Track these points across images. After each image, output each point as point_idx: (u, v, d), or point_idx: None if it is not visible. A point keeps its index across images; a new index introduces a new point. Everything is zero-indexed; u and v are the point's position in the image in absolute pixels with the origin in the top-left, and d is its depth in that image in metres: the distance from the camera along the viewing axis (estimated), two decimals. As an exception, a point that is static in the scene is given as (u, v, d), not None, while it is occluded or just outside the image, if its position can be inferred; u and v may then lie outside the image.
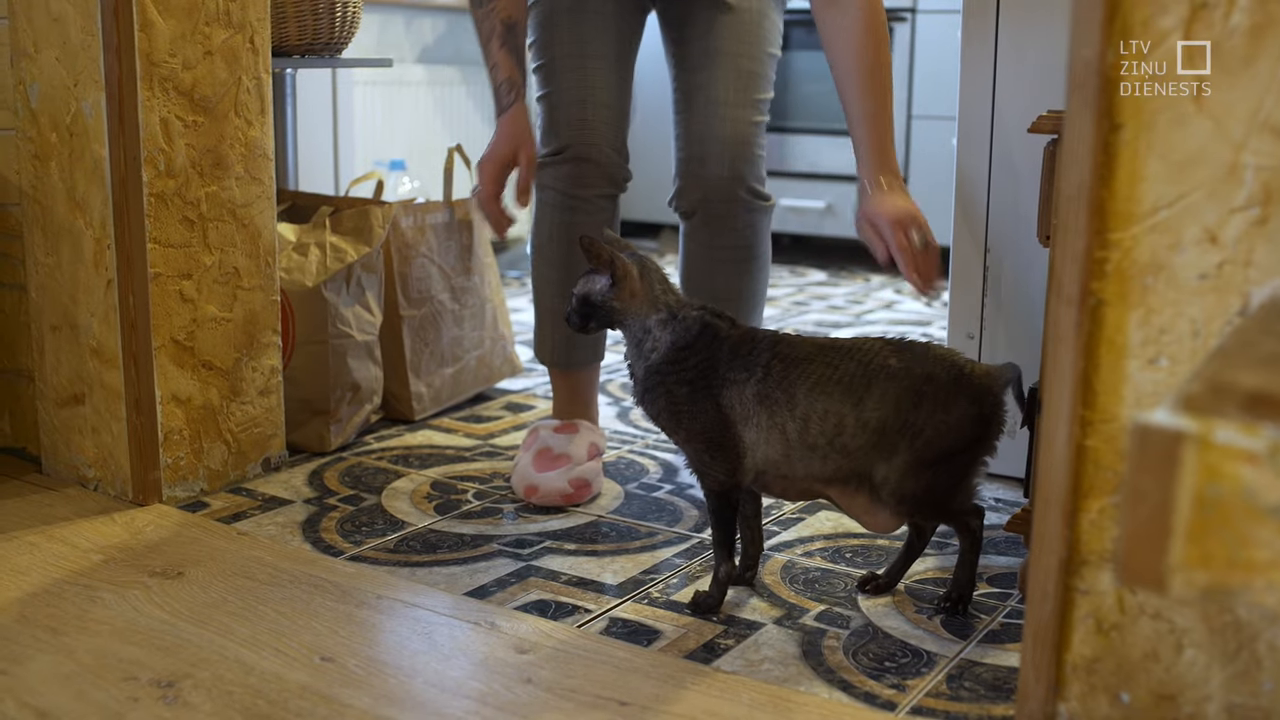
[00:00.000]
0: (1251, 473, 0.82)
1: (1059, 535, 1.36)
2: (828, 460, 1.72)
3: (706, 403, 1.73)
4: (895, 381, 1.70)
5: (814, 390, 1.70)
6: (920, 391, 1.70)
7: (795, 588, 1.89)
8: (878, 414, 1.69)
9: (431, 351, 2.75)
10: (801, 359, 1.72)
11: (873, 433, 1.70)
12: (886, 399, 1.69)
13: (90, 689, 1.52)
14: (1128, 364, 1.32)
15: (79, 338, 2.20)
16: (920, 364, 1.72)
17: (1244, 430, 0.83)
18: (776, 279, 4.75)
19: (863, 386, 1.70)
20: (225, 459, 2.28)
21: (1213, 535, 0.84)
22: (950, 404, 1.71)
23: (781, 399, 1.71)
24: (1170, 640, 1.33)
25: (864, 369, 1.70)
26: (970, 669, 1.64)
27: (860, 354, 1.72)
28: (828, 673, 1.63)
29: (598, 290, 1.78)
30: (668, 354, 1.75)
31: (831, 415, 1.70)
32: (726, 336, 1.76)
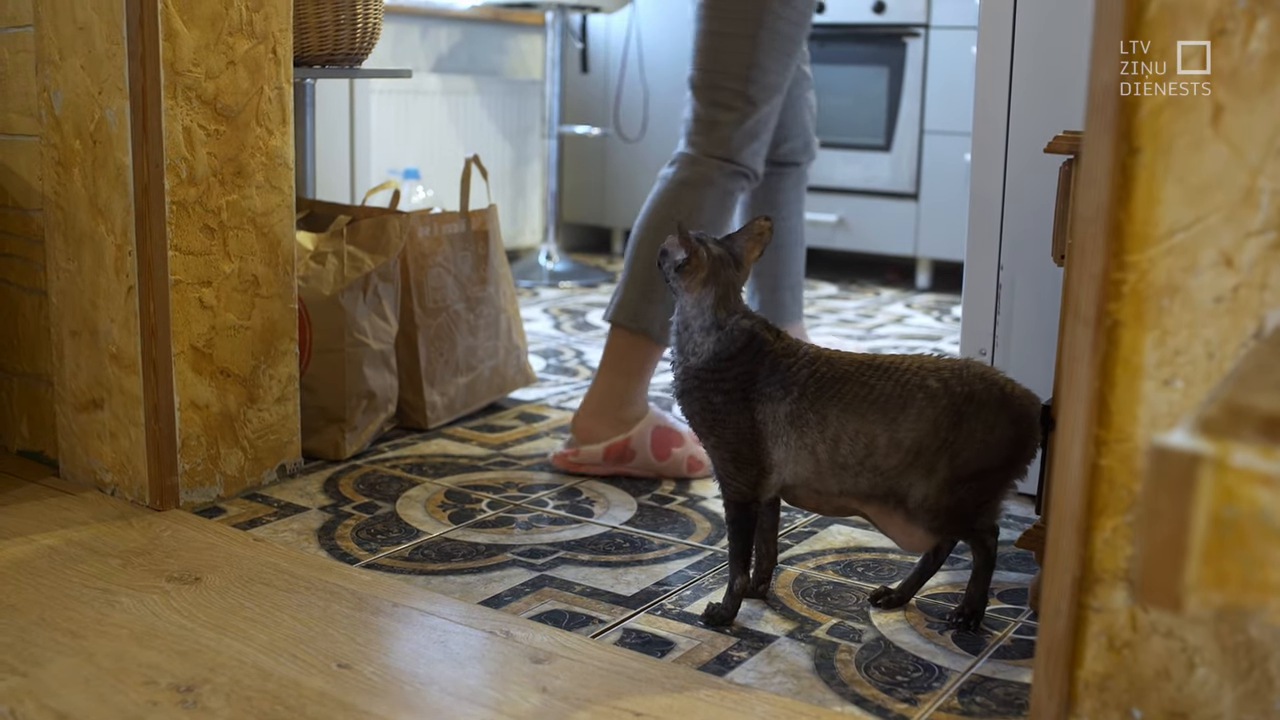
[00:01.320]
0: (1268, 495, 0.83)
1: (1073, 553, 1.37)
2: (860, 478, 1.73)
3: (741, 416, 1.73)
4: (934, 401, 1.70)
5: (847, 410, 1.71)
6: (960, 411, 1.70)
7: (808, 601, 1.90)
8: (913, 434, 1.70)
9: (446, 361, 2.77)
10: (838, 378, 1.73)
11: (907, 452, 1.70)
12: (924, 419, 1.70)
13: (110, 692, 1.54)
14: (1143, 384, 1.33)
15: (99, 343, 2.22)
16: (961, 383, 1.72)
17: (1261, 453, 0.85)
18: (788, 292, 4.77)
19: (898, 407, 1.70)
20: (242, 465, 2.30)
21: (1228, 556, 0.85)
22: (991, 424, 1.72)
23: (813, 420, 1.71)
24: (1182, 658, 1.34)
25: (901, 388, 1.71)
26: (982, 684, 1.66)
27: (898, 373, 1.72)
28: (840, 686, 1.64)
29: (669, 262, 1.80)
30: (709, 362, 1.76)
31: (863, 435, 1.70)
32: (770, 350, 1.76)
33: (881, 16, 4.80)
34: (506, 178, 5.15)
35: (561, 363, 3.48)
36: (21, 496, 2.24)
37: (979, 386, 1.73)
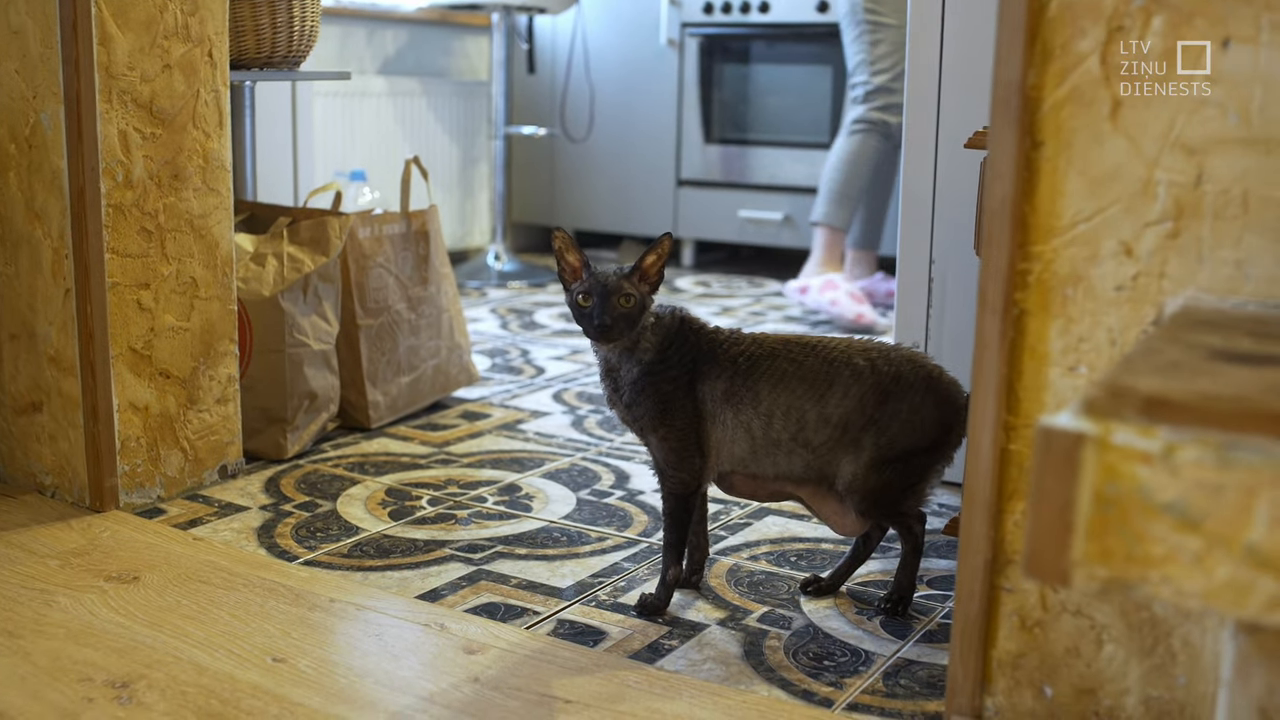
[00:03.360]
0: (1147, 472, 0.88)
1: (984, 536, 1.42)
2: (794, 457, 1.77)
3: (688, 399, 1.78)
4: (860, 379, 1.75)
5: (778, 386, 1.76)
6: (886, 390, 1.76)
7: (740, 590, 1.94)
8: (840, 410, 1.75)
9: (388, 360, 2.79)
10: (768, 355, 1.78)
11: (834, 428, 1.75)
12: (850, 395, 1.75)
13: (46, 690, 1.55)
14: (1049, 371, 1.38)
15: (37, 346, 2.23)
16: (887, 364, 1.77)
17: (1140, 432, 0.89)
18: (735, 289, 4.81)
19: (825, 382, 1.75)
20: (182, 466, 2.31)
21: (1112, 532, 0.89)
22: (916, 405, 1.77)
23: (747, 397, 1.76)
24: (1091, 636, 1.39)
25: (828, 365, 1.76)
26: (907, 668, 1.70)
27: (825, 351, 1.78)
28: (768, 671, 1.68)
29: (643, 297, 1.80)
30: (656, 353, 1.79)
31: (794, 410, 1.75)
32: (700, 331, 1.83)
33: (825, 16, 4.84)
34: (454, 179, 5.17)
35: (507, 362, 3.51)
36: (-39, 500, 2.25)
37: (906, 368, 1.78)
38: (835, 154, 4.28)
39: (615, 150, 5.39)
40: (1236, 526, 0.84)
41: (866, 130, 4.23)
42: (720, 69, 5.21)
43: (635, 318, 1.77)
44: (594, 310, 1.75)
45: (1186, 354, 1.06)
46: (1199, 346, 1.09)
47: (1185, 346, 1.09)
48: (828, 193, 4.26)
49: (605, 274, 1.78)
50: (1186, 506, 0.86)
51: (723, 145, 5.20)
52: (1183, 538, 0.86)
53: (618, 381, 1.82)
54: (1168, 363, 1.03)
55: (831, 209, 4.25)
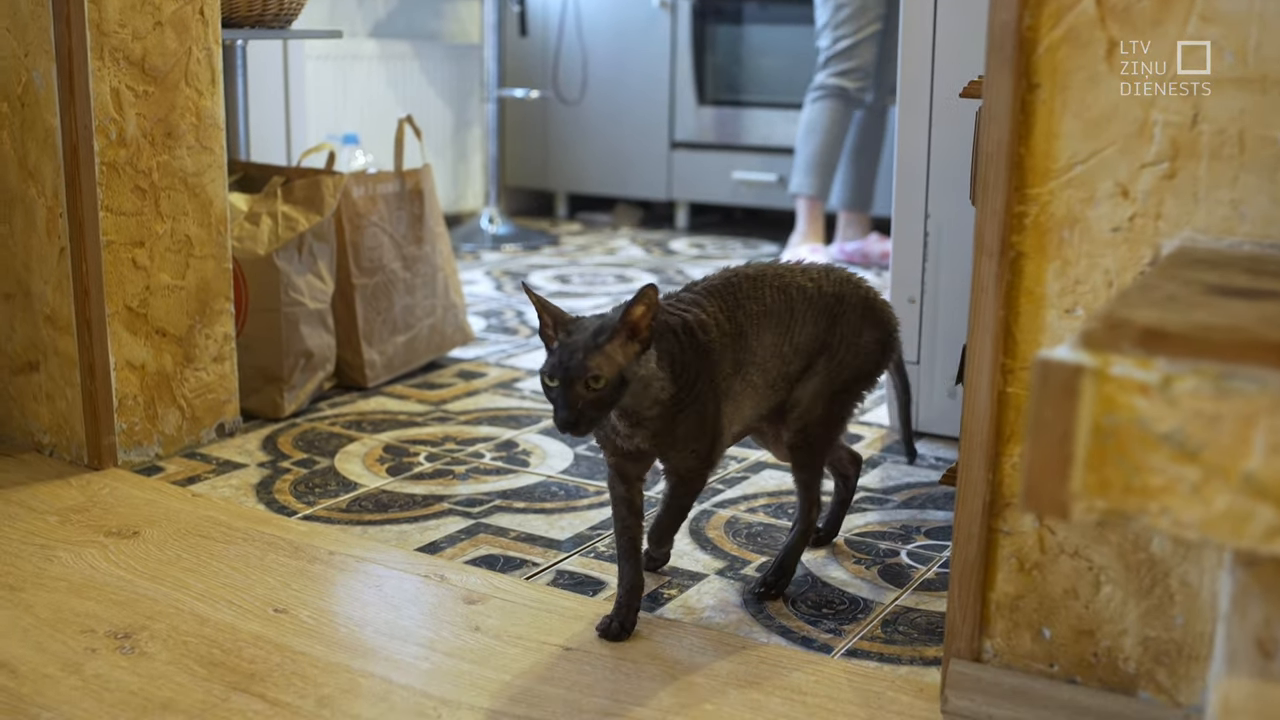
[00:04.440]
0: (1145, 403, 0.88)
1: (982, 479, 1.42)
2: (776, 393, 1.71)
3: (714, 399, 1.61)
4: (811, 303, 1.70)
5: (760, 331, 1.66)
6: (833, 312, 1.71)
7: (738, 541, 1.95)
8: (803, 335, 1.70)
9: (384, 320, 2.79)
10: (737, 305, 1.65)
11: (801, 355, 1.70)
12: (808, 320, 1.70)
13: (48, 641, 1.56)
14: (1046, 313, 1.38)
15: (33, 305, 2.23)
16: (830, 284, 1.73)
17: (1138, 363, 0.89)
18: (729, 250, 4.81)
19: (788, 311, 1.68)
20: (180, 424, 2.31)
21: (1110, 463, 0.90)
22: (858, 327, 1.73)
23: (746, 357, 1.66)
24: (1089, 577, 1.39)
25: (784, 295, 1.68)
26: (905, 615, 1.71)
27: (774, 279, 1.69)
28: (767, 619, 1.68)
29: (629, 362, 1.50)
30: (676, 385, 1.56)
31: (776, 349, 1.68)
32: (698, 329, 1.61)
33: (816, -25, 4.82)
34: (447, 142, 5.15)
35: (502, 323, 3.51)
36: (-41, 461, 2.25)
37: (846, 289, 1.74)
38: (801, 123, 4.33)
39: (608, 112, 5.37)
40: (1234, 456, 0.84)
41: (824, 96, 4.26)
42: (713, 30, 5.19)
43: (611, 399, 1.48)
44: (556, 397, 1.47)
45: (1183, 289, 1.07)
46: (1195, 283, 1.10)
47: (1182, 283, 1.09)
48: (799, 163, 4.30)
49: (573, 346, 1.47)
50: (1184, 437, 0.86)
51: (716, 107, 5.18)
52: (1181, 468, 0.86)
53: (636, 420, 1.57)
54: (1164, 297, 1.03)
55: (804, 178, 4.28)
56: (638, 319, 1.49)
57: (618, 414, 1.55)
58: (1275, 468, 0.84)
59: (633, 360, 1.49)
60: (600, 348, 1.47)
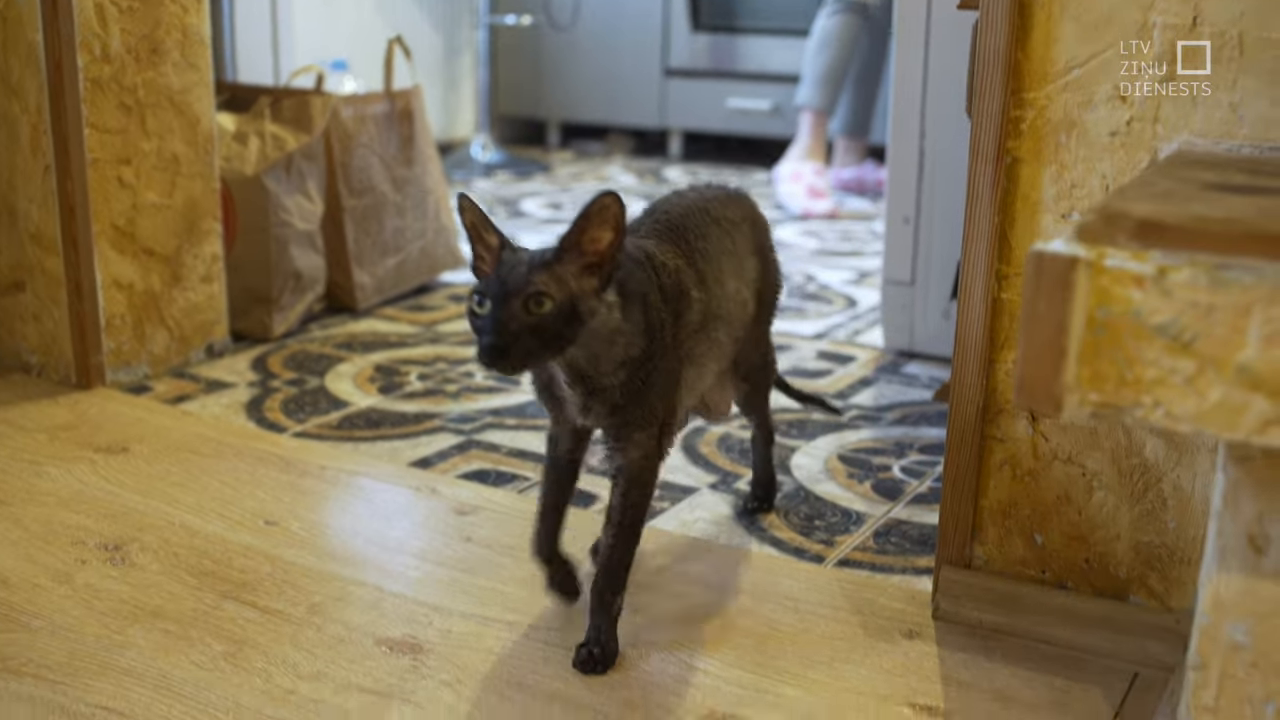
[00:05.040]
0: (1140, 295, 0.87)
1: (976, 385, 1.41)
2: (731, 351, 1.51)
3: (678, 363, 1.36)
4: (742, 234, 1.51)
5: (721, 274, 1.43)
6: (753, 240, 1.54)
7: (730, 456, 1.94)
8: (750, 273, 1.51)
9: (374, 242, 2.77)
10: (692, 248, 1.40)
11: (753, 294, 1.52)
12: (746, 254, 1.51)
13: (38, 553, 1.56)
14: (1042, 219, 1.37)
15: (18, 224, 2.21)
16: (739, 209, 1.53)
17: (1133, 255, 0.88)
18: (724, 179, 4.78)
19: (734, 248, 1.48)
20: (168, 344, 2.30)
21: (1104, 356, 0.89)
22: (769, 247, 1.59)
23: (713, 307, 1.41)
24: (1082, 483, 1.39)
25: (722, 228, 1.46)
26: (897, 527, 1.70)
27: (707, 213, 1.45)
28: (759, 531, 1.68)
29: (584, 293, 1.20)
30: (647, 339, 1.28)
31: (738, 296, 1.47)
32: (647, 255, 1.33)
33: (811, -103, 4.76)
34: (437, 70, 5.10)
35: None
36: (-53, 381, 2.24)
37: (749, 208, 1.56)
38: (814, 36, 4.24)
39: (601, 39, 5.32)
40: (1229, 347, 0.83)
41: (842, 10, 4.19)
42: (707, -46, 5.14)
43: (555, 332, 1.16)
44: (485, 322, 1.16)
45: (1180, 186, 1.05)
46: (1193, 180, 1.09)
47: (1179, 180, 1.08)
48: (809, 76, 4.22)
49: (515, 261, 1.19)
50: (1179, 328, 0.85)
51: (711, 34, 5.13)
52: (1175, 360, 0.85)
53: (592, 388, 1.28)
54: (1161, 192, 1.02)
55: (813, 91, 4.21)
56: (599, 245, 1.19)
57: (569, 376, 1.26)
58: (1270, 359, 0.83)
59: (590, 295, 1.19)
60: (549, 265, 1.17)
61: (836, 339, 2.61)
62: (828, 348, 2.54)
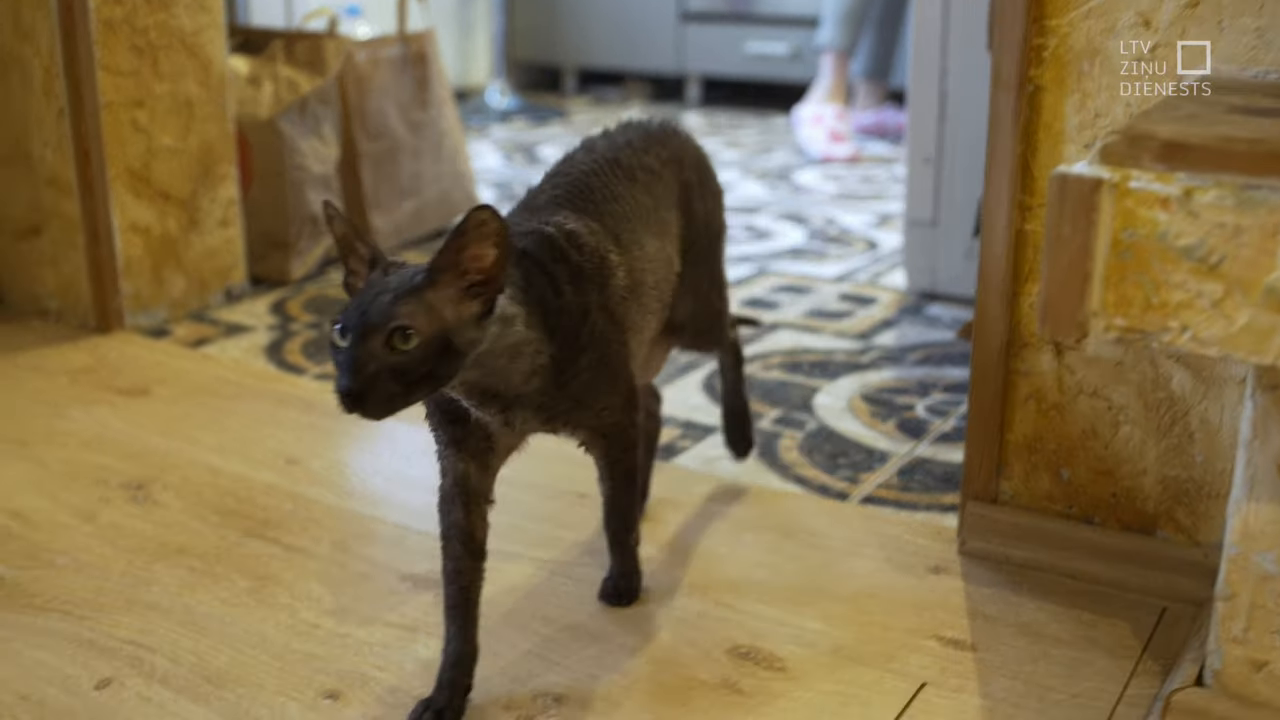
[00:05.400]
0: (1165, 217, 0.85)
1: (1001, 319, 1.40)
2: (665, 312, 1.35)
3: (617, 333, 1.20)
4: (665, 184, 1.34)
5: (637, 235, 1.26)
6: (684, 183, 1.37)
7: (753, 395, 1.93)
8: (675, 227, 1.35)
9: (391, 186, 2.76)
10: (603, 211, 1.23)
11: (681, 251, 1.36)
12: (669, 206, 1.34)
13: (62, 492, 1.56)
14: (1065, 148, 1.35)
15: (33, 168, 2.20)
16: (664, 150, 1.35)
17: (1158, 177, 0.87)
18: (741, 123, 4.74)
19: (652, 204, 1.31)
20: (186, 289, 2.30)
21: (1130, 279, 0.87)
22: (704, 186, 1.41)
23: (637, 272, 1.25)
24: (1108, 418, 1.38)
25: (637, 183, 1.29)
26: (922, 465, 1.70)
27: (614, 168, 1.28)
28: (782, 469, 1.68)
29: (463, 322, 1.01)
30: (565, 338, 1.12)
31: (661, 255, 1.31)
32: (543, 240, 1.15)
33: None
34: (452, 15, 5.06)
35: (512, 194, 3.47)
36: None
37: (677, 146, 1.38)
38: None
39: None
40: (1257, 269, 0.82)
41: None
42: (723, -105, 5.08)
43: (422, 372, 0.98)
44: (343, 358, 0.98)
45: (1205, 109, 1.04)
46: (1218, 104, 1.07)
47: (1204, 104, 1.06)
48: (830, 15, 4.16)
49: (381, 287, 1.00)
50: (1206, 250, 0.84)
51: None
52: (1202, 283, 0.84)
53: (508, 402, 1.11)
54: (1186, 115, 1.00)
55: (835, 31, 4.15)
56: (483, 264, 1.00)
57: (478, 399, 1.09)
58: (1300, 280, 0.82)
59: (468, 322, 1.00)
60: (419, 292, 0.98)
61: (858, 281, 2.60)
62: (849, 290, 2.53)
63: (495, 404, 1.10)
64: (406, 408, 0.99)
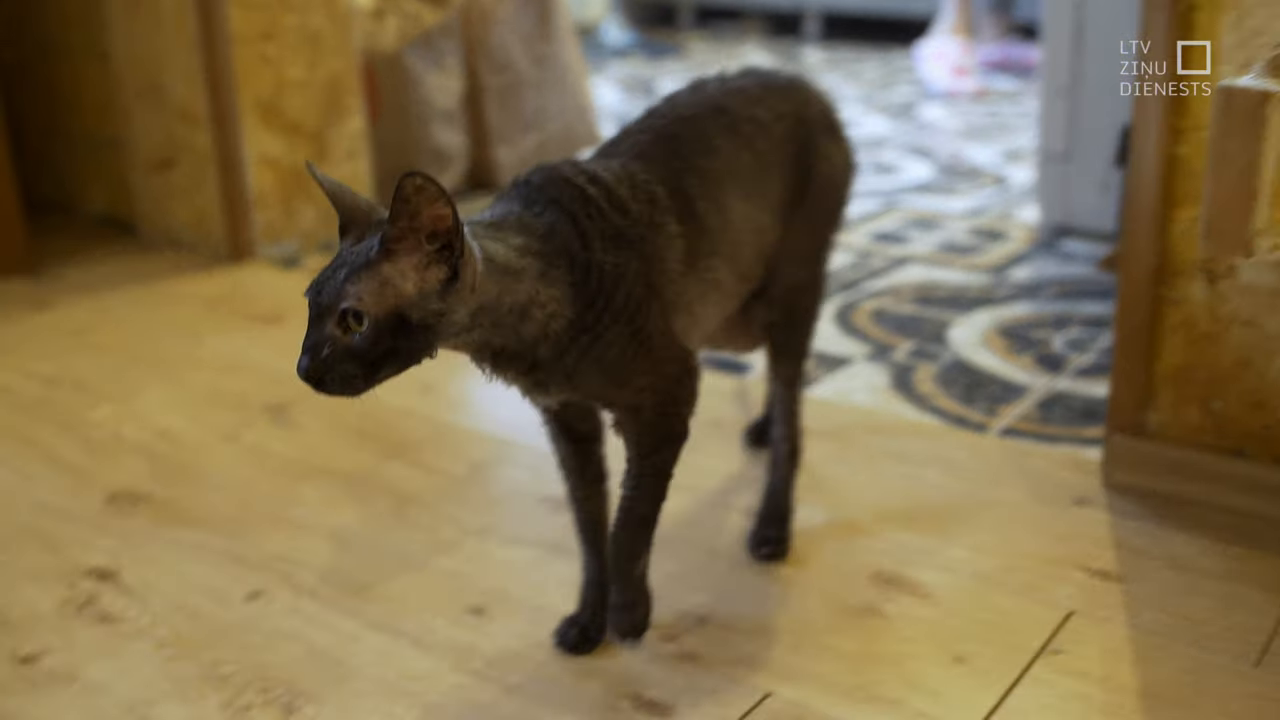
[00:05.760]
0: (1345, 130, 0.82)
1: (1149, 245, 1.35)
2: (748, 283, 1.23)
3: (653, 303, 1.06)
4: (775, 141, 1.22)
5: (722, 198, 1.15)
6: (801, 142, 1.25)
7: (886, 327, 1.91)
8: (777, 189, 1.23)
9: (514, 119, 2.76)
10: (681, 166, 1.12)
11: (781, 217, 1.24)
12: (775, 166, 1.23)
13: (204, 414, 1.59)
14: (1220, 69, 1.29)
15: (165, 102, 2.23)
16: (783, 103, 1.25)
17: (1336, 87, 0.83)
18: (862, 59, 4.66)
19: (754, 162, 1.20)
20: (316, 220, 2.31)
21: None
22: (829, 148, 1.29)
23: (706, 237, 1.13)
24: (1263, 347, 1.33)
25: (740, 137, 1.19)
26: (1061, 399, 1.66)
27: (717, 118, 1.18)
28: (918, 400, 1.65)
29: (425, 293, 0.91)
30: (575, 305, 1.00)
31: (750, 221, 1.20)
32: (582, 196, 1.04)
33: None
34: (568, -47, 5.05)
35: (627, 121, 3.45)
36: (102, 257, 2.29)
37: (801, 102, 1.27)
38: None
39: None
40: None
41: None
42: None
43: (381, 352, 0.91)
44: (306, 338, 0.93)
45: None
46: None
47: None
48: None
49: (342, 260, 0.93)
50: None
51: (847, -91, 4.99)
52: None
53: (526, 365, 1.02)
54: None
55: None
56: (443, 224, 0.90)
57: (491, 360, 1.01)
58: None
59: (430, 294, 0.91)
60: (373, 267, 0.90)
61: (988, 216, 2.54)
62: (980, 224, 2.48)
63: (515, 366, 1.01)
64: (377, 385, 0.92)
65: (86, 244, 2.38)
